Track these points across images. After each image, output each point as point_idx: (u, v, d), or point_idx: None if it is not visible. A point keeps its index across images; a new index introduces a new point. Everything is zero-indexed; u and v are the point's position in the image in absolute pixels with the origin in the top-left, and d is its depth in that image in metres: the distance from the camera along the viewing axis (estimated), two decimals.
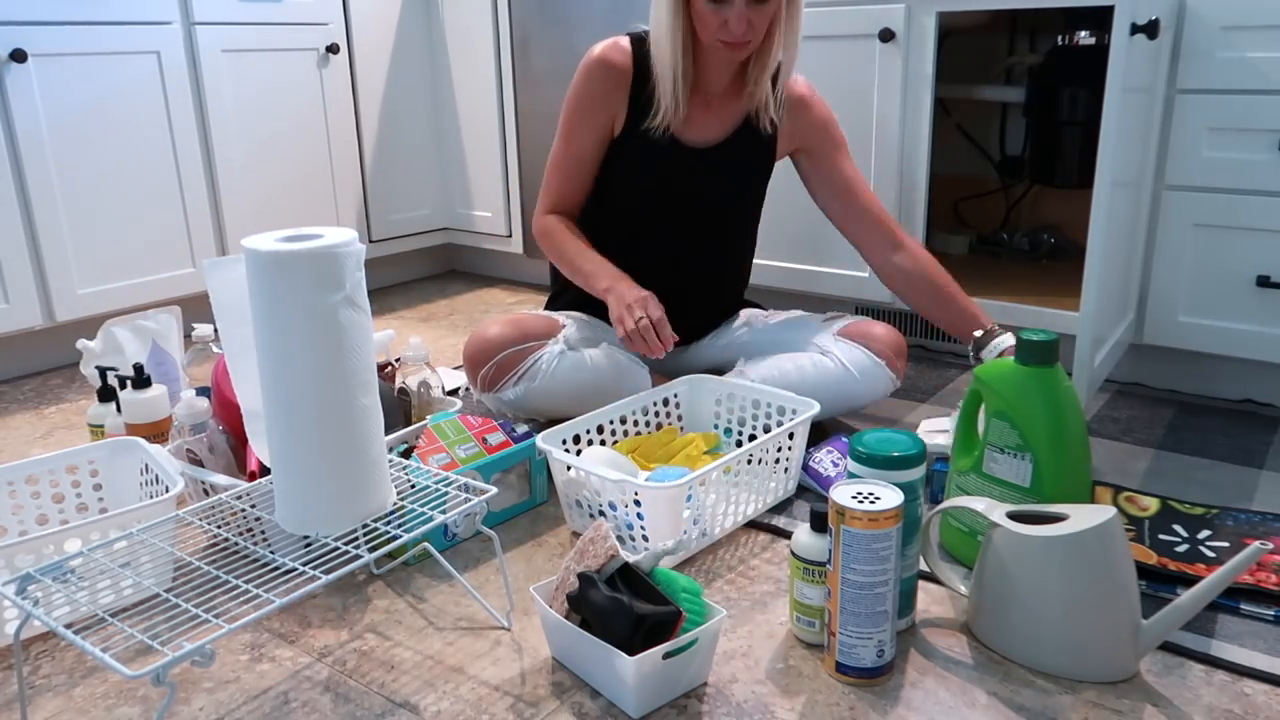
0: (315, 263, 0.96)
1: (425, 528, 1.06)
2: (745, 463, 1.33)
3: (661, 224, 1.65)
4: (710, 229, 1.67)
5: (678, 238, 1.66)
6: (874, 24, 1.92)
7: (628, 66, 1.57)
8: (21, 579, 0.95)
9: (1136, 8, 1.37)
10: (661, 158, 1.60)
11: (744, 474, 1.33)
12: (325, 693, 1.05)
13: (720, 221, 1.68)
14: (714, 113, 1.61)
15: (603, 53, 1.58)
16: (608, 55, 1.57)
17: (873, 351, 1.60)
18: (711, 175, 1.63)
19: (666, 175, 1.61)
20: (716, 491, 1.29)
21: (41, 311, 2.07)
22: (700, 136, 1.61)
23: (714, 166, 1.62)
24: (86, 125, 2.09)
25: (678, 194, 1.63)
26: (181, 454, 1.34)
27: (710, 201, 1.65)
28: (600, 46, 1.59)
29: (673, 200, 1.63)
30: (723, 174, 1.63)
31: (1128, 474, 1.50)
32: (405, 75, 2.75)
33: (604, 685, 1.02)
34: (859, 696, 1.02)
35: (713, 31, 1.46)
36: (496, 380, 1.57)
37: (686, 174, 1.62)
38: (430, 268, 3.05)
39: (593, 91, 1.58)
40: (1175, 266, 1.74)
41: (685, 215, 1.65)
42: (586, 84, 1.58)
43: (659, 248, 1.66)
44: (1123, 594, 1.01)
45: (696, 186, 1.63)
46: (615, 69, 1.57)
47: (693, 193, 1.63)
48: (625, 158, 1.62)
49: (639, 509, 1.23)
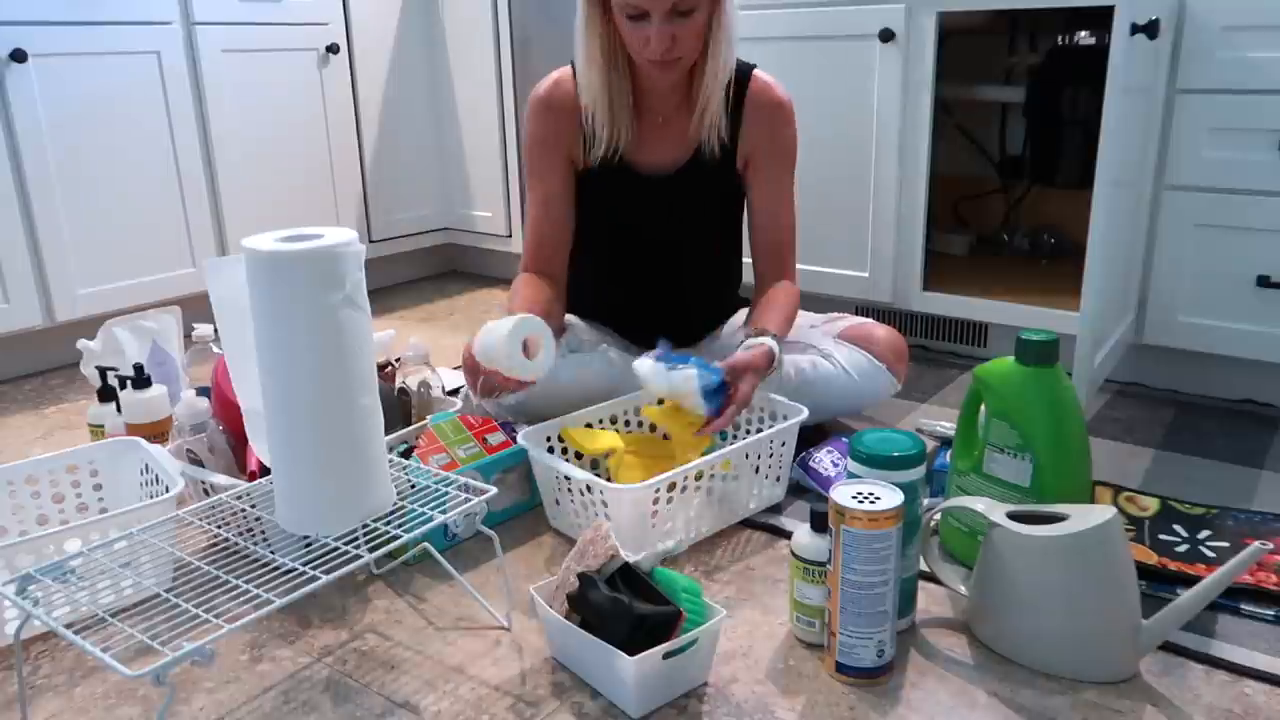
0: (315, 263, 0.96)
1: (425, 528, 1.06)
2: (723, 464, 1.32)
3: (638, 251, 1.63)
4: (689, 247, 1.64)
5: (659, 260, 1.63)
6: (874, 24, 1.92)
7: (571, 98, 1.53)
8: (21, 579, 0.95)
9: (1136, 8, 1.37)
10: (620, 188, 1.56)
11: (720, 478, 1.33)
12: (325, 693, 1.05)
13: (697, 241, 1.65)
14: (669, 133, 1.55)
15: (545, 91, 1.54)
16: (549, 93, 1.54)
17: (873, 354, 1.60)
18: (671, 204, 1.58)
19: (628, 206, 1.57)
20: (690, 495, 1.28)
21: (41, 311, 2.07)
22: (656, 160, 1.56)
23: (674, 194, 1.57)
24: (86, 125, 2.09)
25: (645, 224, 1.59)
26: (181, 454, 1.34)
27: (676, 231, 1.61)
28: (543, 84, 1.55)
29: (642, 230, 1.59)
30: (683, 202, 1.58)
31: (1128, 474, 1.50)
32: (405, 75, 2.75)
33: (604, 685, 1.02)
34: (859, 696, 1.02)
35: (638, 50, 1.41)
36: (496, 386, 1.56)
37: (648, 204, 1.57)
38: (430, 268, 3.05)
39: (544, 132, 1.54)
40: (1175, 266, 1.74)
41: (658, 241, 1.61)
42: (537, 126, 1.55)
43: (641, 271, 1.65)
44: (1123, 594, 1.01)
45: (661, 213, 1.59)
46: (558, 105, 1.53)
47: (654, 221, 1.59)
48: (588, 191, 1.58)
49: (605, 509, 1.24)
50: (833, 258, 2.11)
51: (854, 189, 2.05)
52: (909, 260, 2.02)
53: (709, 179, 1.58)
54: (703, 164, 1.56)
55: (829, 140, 2.05)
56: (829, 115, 2.04)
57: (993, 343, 2.06)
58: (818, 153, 2.07)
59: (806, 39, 2.02)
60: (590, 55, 1.46)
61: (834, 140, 2.04)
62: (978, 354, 2.09)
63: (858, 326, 1.65)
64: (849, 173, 2.05)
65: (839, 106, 2.02)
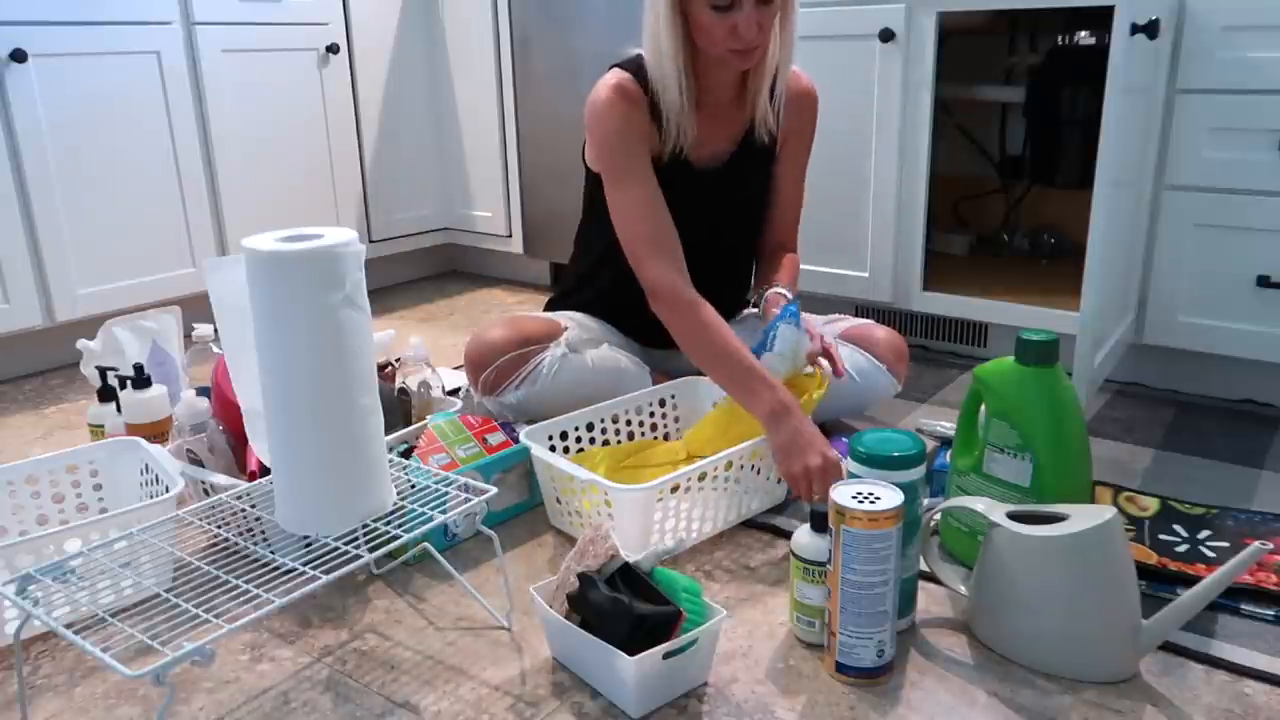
0: (315, 263, 0.96)
1: (425, 528, 1.06)
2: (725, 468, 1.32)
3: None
4: (722, 245, 1.65)
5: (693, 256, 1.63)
6: (874, 24, 1.92)
7: (641, 94, 1.48)
8: (21, 579, 0.95)
9: (1136, 8, 1.37)
10: (677, 184, 1.53)
11: (722, 480, 1.33)
12: (325, 693, 1.05)
13: (731, 237, 1.66)
14: (720, 126, 1.56)
15: (620, 85, 1.47)
16: (624, 87, 1.47)
17: (874, 355, 1.60)
18: (722, 196, 1.59)
19: (684, 201, 1.53)
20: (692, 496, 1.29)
21: (41, 311, 2.07)
22: (708, 153, 1.56)
23: (724, 188, 1.59)
24: (86, 125, 2.09)
25: (694, 215, 1.56)
26: (181, 454, 1.34)
27: (721, 222, 1.62)
28: (611, 80, 1.49)
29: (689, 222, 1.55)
30: (733, 194, 1.60)
31: (1128, 474, 1.50)
32: (405, 75, 2.75)
33: (604, 685, 1.02)
34: (859, 696, 1.02)
35: (720, 41, 1.38)
36: (498, 384, 1.56)
37: (698, 199, 1.57)
38: (430, 268, 3.05)
39: (629, 123, 1.47)
40: (1175, 266, 1.74)
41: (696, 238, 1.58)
42: (617, 119, 1.47)
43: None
44: (1123, 594, 1.01)
45: (709, 206, 1.59)
46: (634, 98, 1.47)
47: (704, 216, 1.58)
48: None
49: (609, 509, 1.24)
50: (833, 258, 2.11)
51: (854, 189, 2.05)
52: (909, 260, 2.02)
53: (755, 169, 1.62)
54: (750, 155, 1.60)
55: (829, 140, 2.05)
56: (829, 115, 2.03)
57: (993, 343, 2.06)
58: (818, 152, 2.06)
59: (807, 39, 2.02)
60: (670, 49, 1.42)
61: (834, 140, 2.04)
62: (978, 354, 2.09)
63: (858, 327, 1.65)
64: (849, 172, 2.05)
65: (839, 106, 2.02)
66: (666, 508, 1.25)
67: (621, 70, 1.51)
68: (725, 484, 1.32)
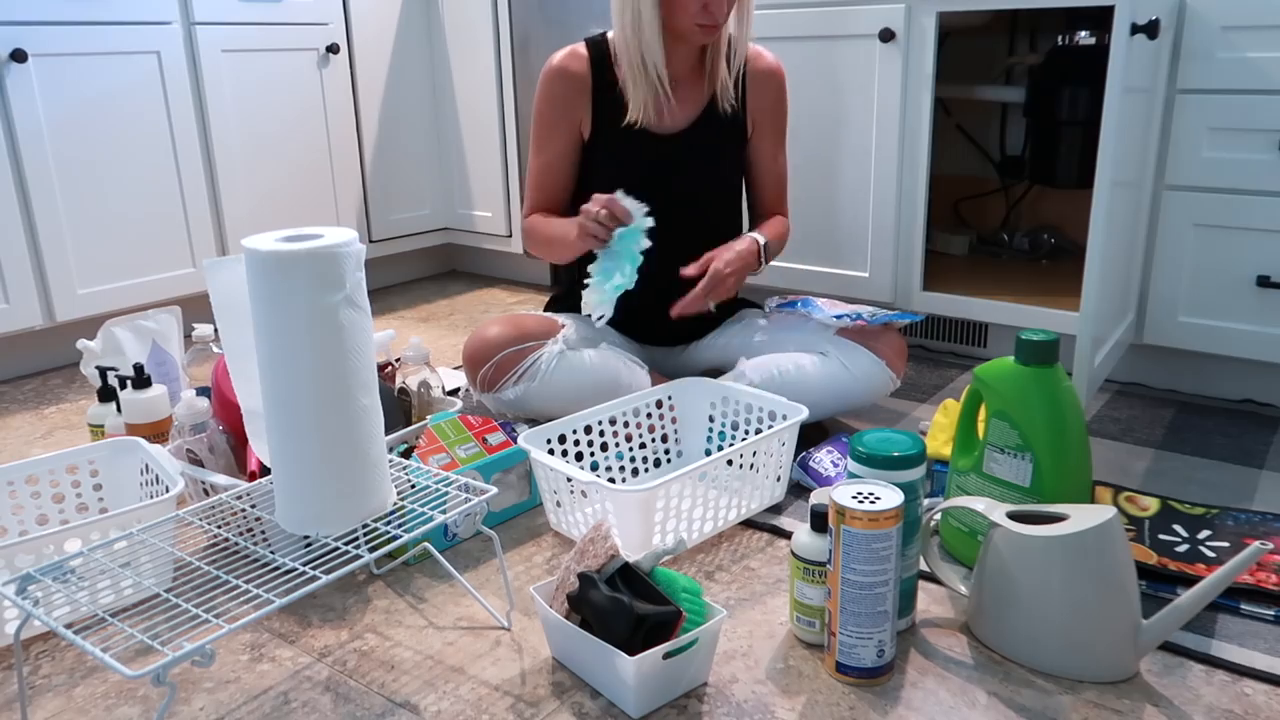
0: (315, 263, 0.96)
1: (425, 528, 1.06)
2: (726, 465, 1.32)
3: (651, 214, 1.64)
4: (692, 216, 1.66)
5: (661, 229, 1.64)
6: (874, 24, 1.92)
7: (585, 72, 1.62)
8: (21, 579, 0.95)
9: (1136, 8, 1.37)
10: (635, 150, 1.63)
11: (723, 478, 1.33)
12: (325, 693, 1.05)
13: (702, 205, 1.69)
14: (680, 99, 1.63)
15: (560, 61, 1.62)
16: (565, 64, 1.62)
17: (873, 352, 1.60)
18: (686, 158, 1.65)
19: (642, 165, 1.63)
20: (693, 496, 1.29)
21: (41, 311, 2.07)
22: (669, 124, 1.64)
23: (687, 150, 1.65)
24: (86, 125, 2.09)
25: (656, 182, 1.62)
26: (181, 454, 1.34)
27: (688, 185, 1.66)
28: (558, 55, 1.63)
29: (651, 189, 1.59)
30: (697, 155, 1.66)
31: (1128, 474, 1.50)
32: (405, 75, 2.75)
33: (604, 685, 1.02)
34: (859, 696, 1.02)
35: (691, 15, 1.50)
36: (496, 380, 1.57)
37: (661, 160, 1.64)
38: (430, 268, 3.05)
39: (555, 100, 1.63)
40: (1175, 266, 1.74)
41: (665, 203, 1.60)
42: (548, 93, 1.63)
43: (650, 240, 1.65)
44: (1123, 594, 1.01)
45: (672, 171, 1.65)
46: (574, 76, 1.61)
47: (669, 178, 1.64)
48: (600, 158, 1.65)
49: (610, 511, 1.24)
50: (833, 258, 2.11)
51: (854, 189, 2.05)
52: (909, 260, 2.02)
53: (721, 138, 1.67)
54: (712, 123, 1.66)
55: (829, 140, 2.05)
56: (829, 115, 2.04)
57: (993, 343, 2.06)
58: (817, 152, 2.07)
59: (807, 39, 2.02)
60: (643, 21, 1.52)
61: (834, 140, 2.04)
62: (978, 354, 2.09)
63: (858, 323, 1.64)
64: (849, 172, 2.05)
65: (839, 106, 2.02)
66: (667, 508, 1.25)
67: (581, 44, 1.64)
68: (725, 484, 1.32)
